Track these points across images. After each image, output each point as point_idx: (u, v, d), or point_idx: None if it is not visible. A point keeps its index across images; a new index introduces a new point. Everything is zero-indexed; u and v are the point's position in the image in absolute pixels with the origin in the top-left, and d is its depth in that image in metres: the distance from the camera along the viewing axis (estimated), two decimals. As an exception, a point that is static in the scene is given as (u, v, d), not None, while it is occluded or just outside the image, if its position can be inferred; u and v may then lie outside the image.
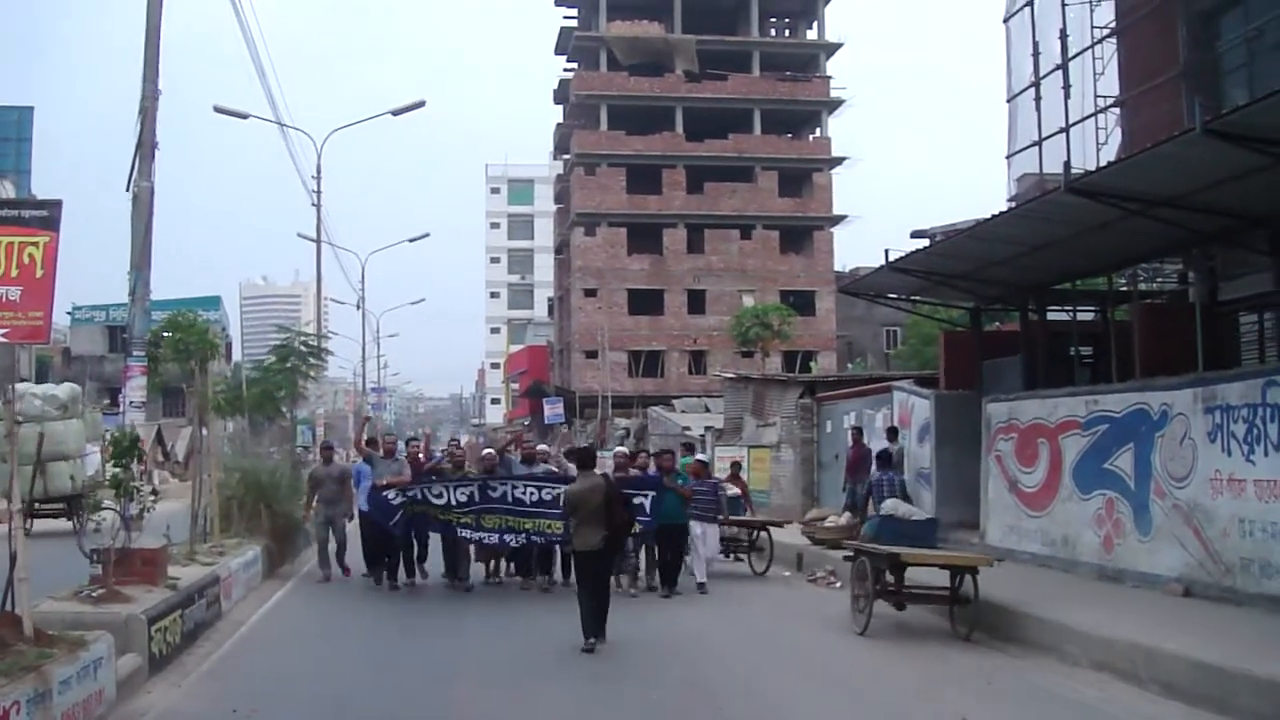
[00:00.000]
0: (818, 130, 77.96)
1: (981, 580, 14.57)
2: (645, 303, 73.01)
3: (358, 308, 59.70)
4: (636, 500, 16.99)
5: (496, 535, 18.03)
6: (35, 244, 8.80)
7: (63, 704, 8.82)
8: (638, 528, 17.09)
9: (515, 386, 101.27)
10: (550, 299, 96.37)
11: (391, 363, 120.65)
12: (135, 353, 15.27)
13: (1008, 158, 22.04)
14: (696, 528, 18.97)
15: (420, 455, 21.05)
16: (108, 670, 10.02)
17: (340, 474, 19.91)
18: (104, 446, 21.05)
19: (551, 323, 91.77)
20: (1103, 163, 19.86)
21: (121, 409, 14.91)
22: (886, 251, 21.60)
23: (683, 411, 53.14)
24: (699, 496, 19.24)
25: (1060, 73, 20.03)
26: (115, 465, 12.75)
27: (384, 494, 18.21)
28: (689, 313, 73.26)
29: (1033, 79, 20.35)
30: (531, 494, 17.94)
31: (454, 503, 17.99)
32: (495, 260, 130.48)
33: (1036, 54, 20.05)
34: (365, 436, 23.14)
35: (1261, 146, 12.94)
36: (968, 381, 23.58)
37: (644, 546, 18.73)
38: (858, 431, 25.61)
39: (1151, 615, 13.33)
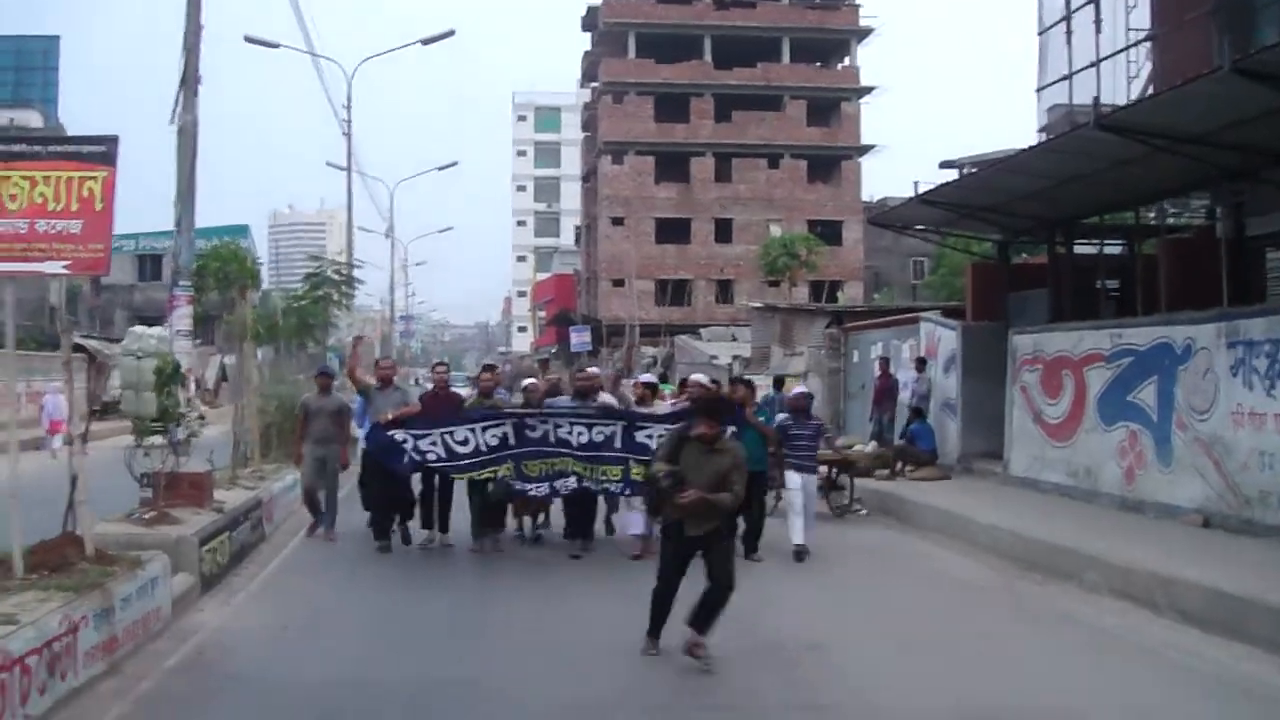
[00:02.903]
0: (846, 59, 77.44)
1: (1004, 510, 14.96)
2: (672, 232, 73.05)
3: (387, 236, 60.10)
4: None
5: (546, 485, 14.62)
6: (94, 178, 9.13)
7: (124, 619, 9.27)
8: None
9: (542, 315, 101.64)
10: (577, 227, 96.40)
11: (418, 291, 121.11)
12: (182, 282, 15.64)
13: (1038, 91, 22.14)
14: (795, 478, 15.27)
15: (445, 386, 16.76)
16: (164, 588, 10.47)
17: (338, 408, 16.47)
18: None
19: (578, 251, 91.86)
20: (1133, 97, 20.02)
21: (169, 337, 15.28)
22: (916, 183, 21.83)
23: (709, 340, 53.40)
24: (797, 440, 15.48)
25: (1092, 6, 20.04)
26: (159, 392, 13.12)
27: (388, 433, 14.69)
28: (716, 242, 73.22)
29: (1064, 12, 20.37)
30: (580, 434, 14.50)
31: (483, 447, 14.45)
32: (521, 188, 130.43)
33: (1069, -12, 20.06)
34: (363, 360, 18.55)
35: (1288, 85, 13.11)
36: (994, 313, 23.80)
37: None
38: (884, 362, 25.87)
39: (1170, 545, 13.65)
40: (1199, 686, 9.09)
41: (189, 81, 14.52)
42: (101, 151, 9.19)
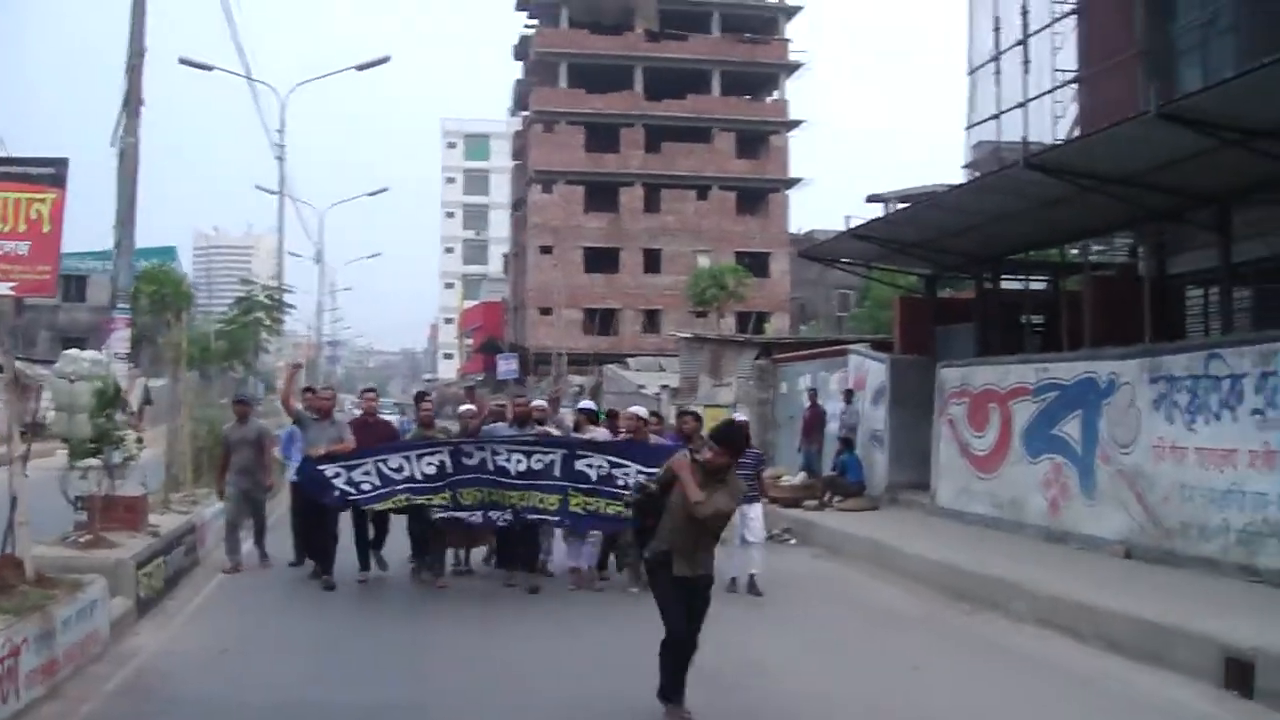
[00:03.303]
0: (775, 93, 78.16)
1: (932, 540, 15.25)
2: (601, 261, 73.21)
3: (316, 261, 59.77)
4: (651, 474, 12.45)
5: (480, 513, 14.17)
6: (43, 200, 9.17)
7: (64, 643, 9.25)
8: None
9: (469, 342, 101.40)
10: (505, 255, 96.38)
11: (344, 316, 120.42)
12: (120, 305, 15.57)
13: (967, 129, 22.54)
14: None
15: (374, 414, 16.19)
16: (102, 612, 10.44)
17: (257, 436, 16.01)
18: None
19: (506, 279, 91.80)
20: (1059, 136, 20.51)
21: (105, 360, 15.19)
22: (848, 219, 22.50)
23: (637, 370, 53.54)
24: (740, 470, 15.57)
25: (1020, 47, 20.51)
26: (99, 416, 13.08)
27: (320, 468, 13.88)
28: (644, 272, 73.42)
29: (993, 53, 20.83)
30: (519, 461, 13.97)
31: (418, 476, 13.87)
32: (450, 215, 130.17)
33: (998, 28, 20.51)
34: (297, 388, 16.98)
35: (1211, 130, 13.62)
36: (922, 347, 24.20)
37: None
38: (813, 393, 26.17)
39: (1094, 575, 13.97)
40: (1126, 712, 9.35)
41: (131, 103, 14.50)
42: (50, 174, 9.22)
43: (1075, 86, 21.60)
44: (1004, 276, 24.05)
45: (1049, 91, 19.34)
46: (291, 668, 10.28)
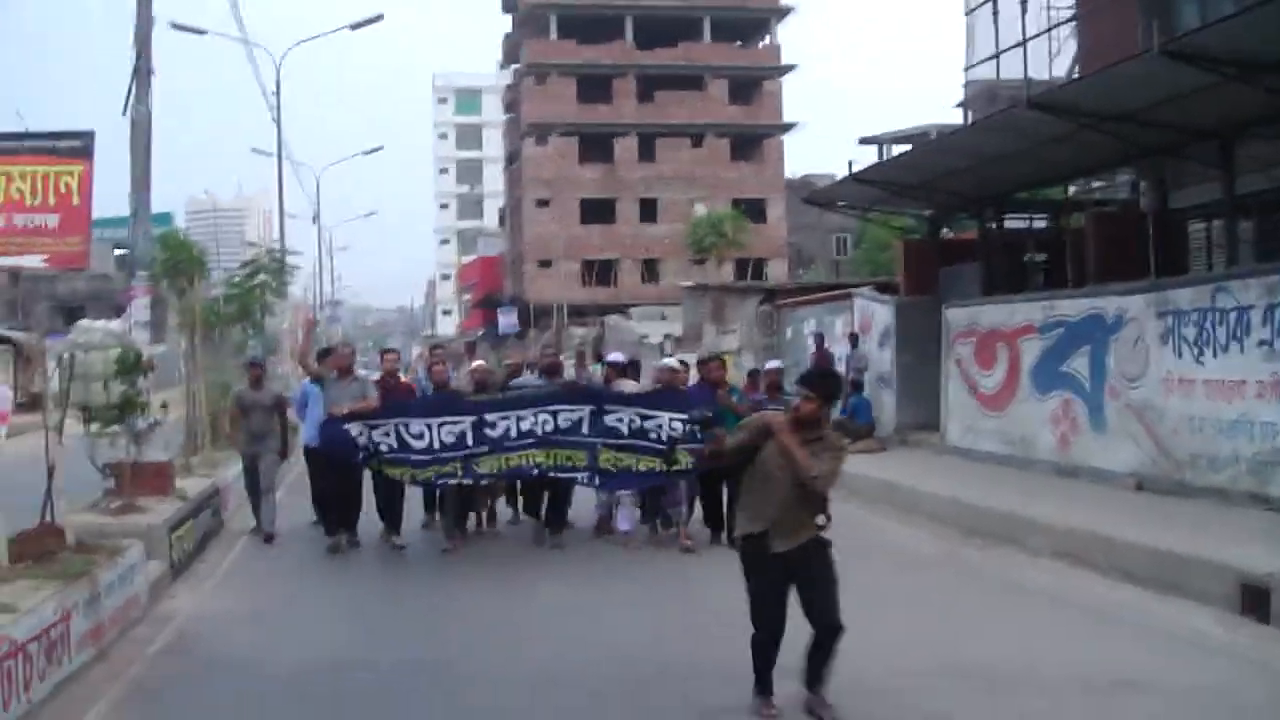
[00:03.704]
0: (767, 38, 77.93)
1: (944, 479, 15.47)
2: (597, 212, 73.18)
3: (314, 221, 59.75)
4: (690, 426, 12.92)
5: (496, 479, 14.12)
6: (70, 173, 9.30)
7: (108, 607, 9.48)
8: (690, 461, 13.25)
9: (468, 297, 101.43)
10: (501, 209, 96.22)
11: (341, 275, 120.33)
12: (139, 273, 15.70)
13: (965, 69, 22.65)
14: None
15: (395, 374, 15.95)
16: (141, 576, 10.68)
17: (273, 401, 15.57)
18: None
19: (502, 233, 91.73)
20: (1056, 74, 20.61)
21: (123, 330, 15.37)
22: (850, 163, 22.31)
23: (640, 320, 53.72)
24: None
25: (1018, -13, 20.55)
26: (122, 382, 13.26)
27: (344, 426, 13.31)
28: (641, 221, 73.41)
29: (991, -8, 20.84)
30: (545, 423, 13.43)
31: (437, 444, 13.28)
32: (444, 171, 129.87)
33: (995, -33, 20.53)
34: (314, 348, 16.82)
35: (1212, 66, 13.72)
36: (927, 288, 24.34)
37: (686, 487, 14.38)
38: (819, 337, 26.35)
39: (1107, 508, 14.19)
40: (1144, 641, 9.55)
41: (141, 73, 14.61)
42: (77, 146, 9.35)
43: (1069, 24, 21.70)
44: (1006, 216, 24.18)
45: (1047, 30, 19.40)
46: (322, 628, 10.53)
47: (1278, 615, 9.74)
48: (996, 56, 21.25)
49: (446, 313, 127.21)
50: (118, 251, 50.16)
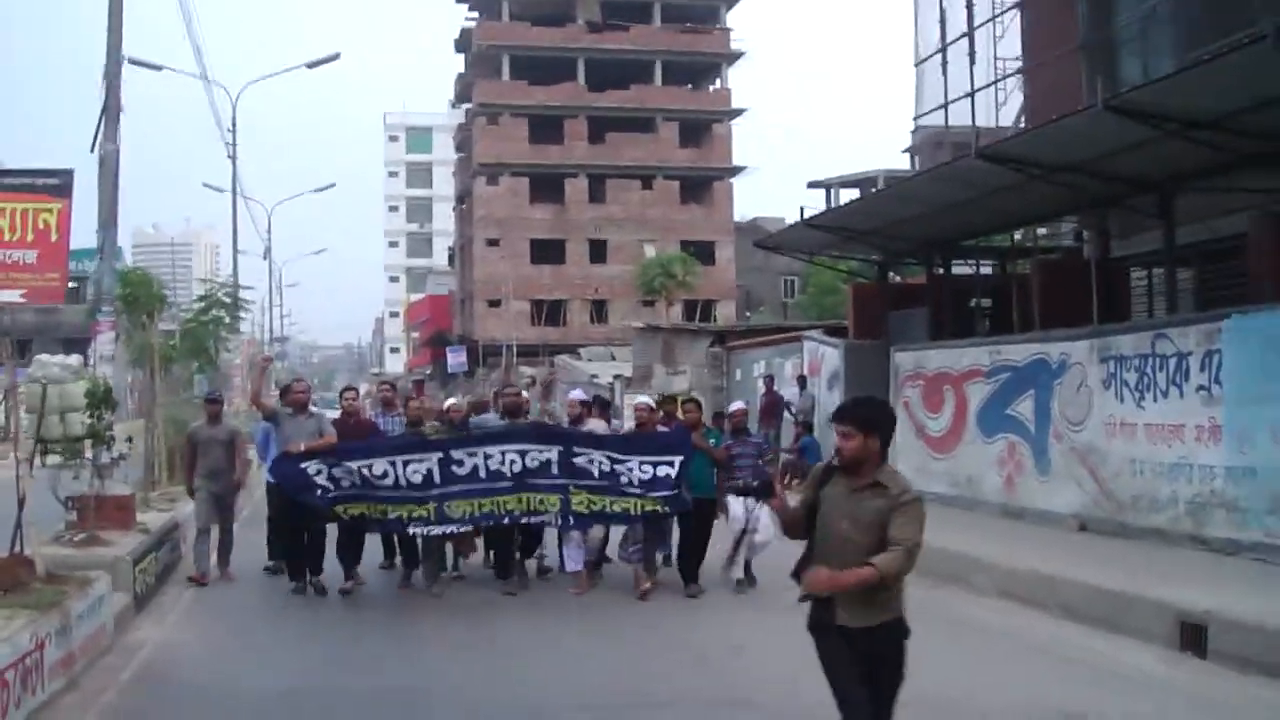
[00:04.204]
0: (718, 82, 78.73)
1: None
2: (547, 252, 73.50)
3: (265, 258, 59.68)
4: (661, 469, 12.83)
5: (469, 525, 13.23)
6: (50, 210, 9.55)
7: (79, 636, 9.62)
8: (661, 508, 12.96)
9: (416, 335, 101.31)
10: (450, 248, 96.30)
11: (290, 312, 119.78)
12: (104, 308, 15.78)
13: (915, 118, 23.13)
14: (737, 505, 13.80)
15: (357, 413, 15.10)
16: (108, 607, 10.81)
17: (229, 436, 14.98)
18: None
19: (451, 271, 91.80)
20: (1003, 123, 21.16)
21: (92, 362, 15.46)
22: (802, 209, 22.81)
23: (589, 360, 53.98)
24: (740, 461, 13.97)
25: (965, 40, 21.10)
26: (90, 415, 13.40)
27: (300, 465, 12.78)
28: (591, 262, 73.82)
29: (939, 45, 21.39)
30: (513, 463, 12.84)
31: (404, 483, 12.69)
32: (394, 209, 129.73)
33: (943, 21, 21.07)
34: (266, 386, 16.16)
35: (1155, 121, 14.29)
36: (875, 332, 24.79)
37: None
38: (769, 380, 26.74)
39: (1051, 548, 14.57)
40: (1087, 676, 9.88)
41: (111, 110, 14.73)
42: (55, 184, 9.56)
43: (1018, 75, 22.29)
44: (954, 261, 24.70)
45: (994, 82, 19.94)
46: (290, 658, 10.72)
47: (1215, 651, 10.10)
48: (945, 106, 21.79)
49: (394, 350, 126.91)
50: (69, 285, 50.04)
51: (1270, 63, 12.41)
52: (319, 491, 12.76)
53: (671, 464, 12.85)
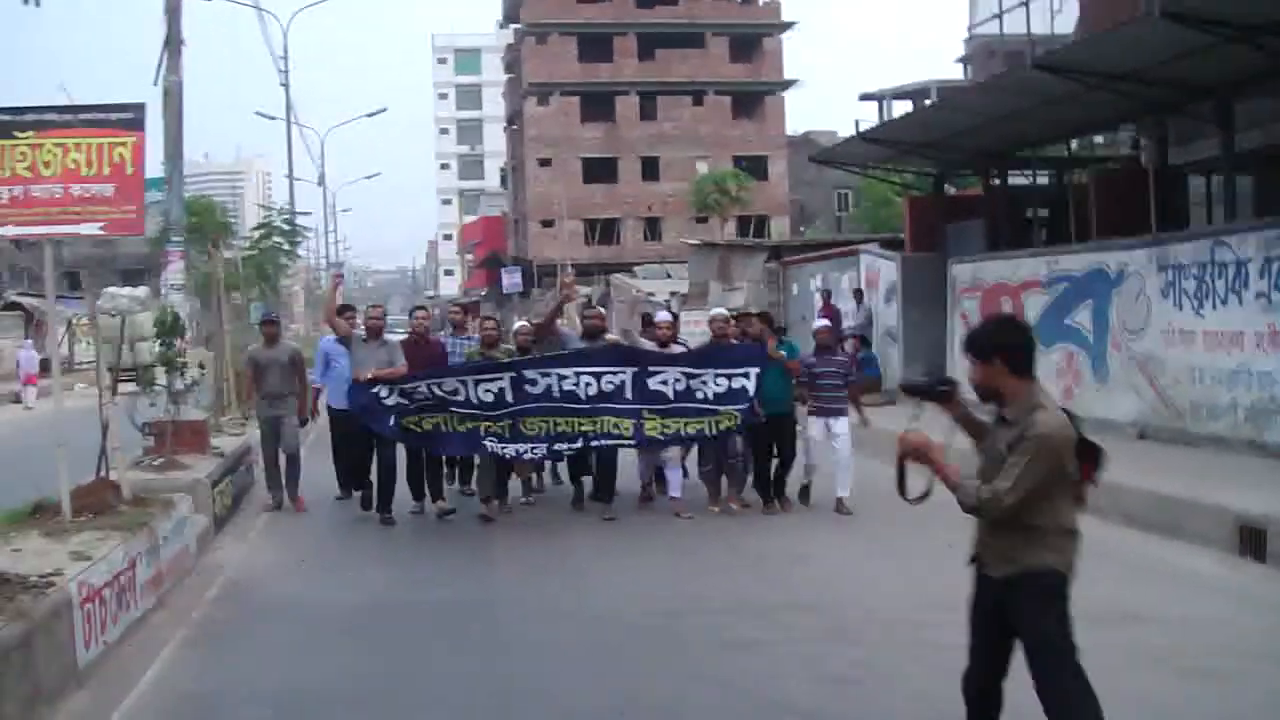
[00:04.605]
0: (767, -6, 77.99)
1: (955, 430, 15.95)
2: (600, 171, 73.40)
3: (319, 184, 60.03)
4: (736, 382, 12.71)
5: (543, 445, 12.90)
6: (124, 144, 9.72)
7: (165, 556, 10.00)
8: (734, 422, 12.78)
9: (470, 257, 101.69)
10: (502, 169, 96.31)
11: (344, 237, 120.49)
12: (174, 238, 16.08)
13: (970, 27, 23.05)
14: (816, 426, 13.56)
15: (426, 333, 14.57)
16: (191, 528, 11.21)
17: (290, 358, 14.60)
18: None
19: (504, 193, 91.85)
20: (1056, 30, 21.02)
21: (164, 291, 15.79)
22: (857, 122, 22.72)
23: (644, 278, 54.07)
24: (823, 380, 13.49)
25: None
26: (161, 344, 13.73)
27: (372, 390, 12.77)
28: (643, 180, 73.63)
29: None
30: (589, 385, 12.67)
31: (475, 401, 12.58)
32: (444, 131, 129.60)
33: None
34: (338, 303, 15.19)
35: (1210, 27, 14.18)
36: (931, 244, 24.75)
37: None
38: (827, 294, 26.81)
39: (1111, 456, 14.62)
40: (1147, 579, 10.07)
41: (173, 43, 14.97)
42: (129, 118, 9.79)
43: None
44: (1010, 172, 24.58)
45: (1052, -10, 19.82)
46: (364, 575, 11.04)
47: (1274, 555, 10.24)
48: (1000, 16, 21.68)
49: (449, 273, 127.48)
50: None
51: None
52: (392, 412, 12.73)
53: (748, 375, 12.68)
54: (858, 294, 25.45)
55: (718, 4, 75.28)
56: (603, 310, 16.18)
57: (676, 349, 13.77)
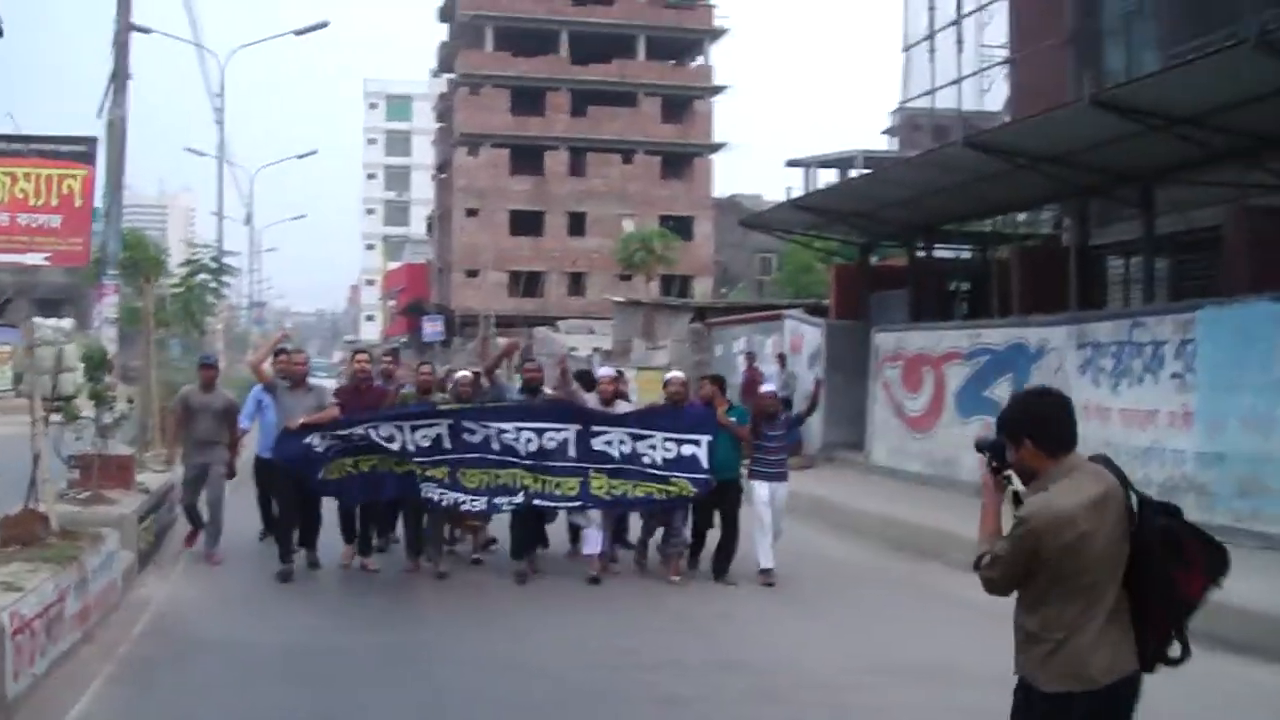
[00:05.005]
0: (700, 58, 78.92)
1: (872, 497, 16.35)
2: (526, 224, 73.59)
3: (246, 223, 59.69)
4: (686, 449, 12.27)
5: (483, 499, 12.32)
6: (75, 177, 9.79)
7: (93, 590, 9.94)
8: (689, 491, 12.32)
9: (392, 304, 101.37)
10: (428, 217, 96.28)
11: (267, 277, 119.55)
12: (110, 271, 15.97)
13: (902, 103, 23.60)
14: (763, 490, 13.03)
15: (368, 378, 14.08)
16: (118, 563, 11.13)
17: (225, 406, 13.87)
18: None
19: (429, 240, 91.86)
20: (985, 108, 21.63)
21: (96, 325, 15.68)
22: (789, 190, 23.33)
23: (568, 333, 54.24)
24: (767, 444, 13.19)
25: (954, 27, 21.53)
26: (89, 379, 13.62)
27: (303, 440, 12.21)
28: (570, 235, 73.95)
29: (928, 31, 21.85)
30: (529, 440, 12.21)
31: (412, 448, 12.10)
32: (372, 176, 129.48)
33: (933, 8, 21.52)
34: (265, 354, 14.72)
35: (1138, 116, 14.76)
36: (855, 312, 25.22)
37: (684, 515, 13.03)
38: (750, 356, 27.11)
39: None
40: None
41: (119, 76, 14.96)
42: (80, 151, 9.85)
43: (1001, 59, 22.80)
44: (934, 245, 25.14)
45: (982, 70, 20.41)
46: (293, 615, 11.05)
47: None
48: (931, 93, 22.25)
49: (370, 318, 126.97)
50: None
51: (1250, 63, 12.89)
52: (324, 459, 12.21)
53: (698, 443, 12.28)
54: (781, 358, 25.77)
55: (651, 65, 76.10)
56: (541, 363, 15.34)
57: (622, 406, 13.40)
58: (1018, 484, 4.74)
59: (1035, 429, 4.69)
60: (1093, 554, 4.49)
